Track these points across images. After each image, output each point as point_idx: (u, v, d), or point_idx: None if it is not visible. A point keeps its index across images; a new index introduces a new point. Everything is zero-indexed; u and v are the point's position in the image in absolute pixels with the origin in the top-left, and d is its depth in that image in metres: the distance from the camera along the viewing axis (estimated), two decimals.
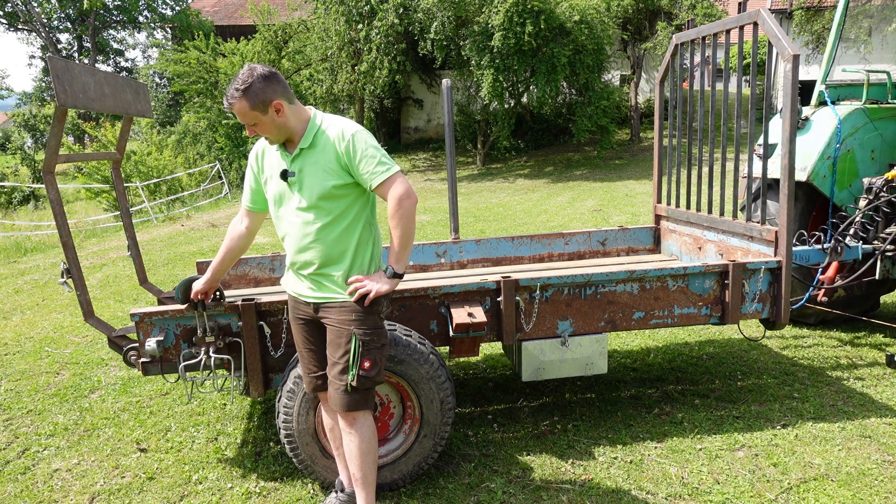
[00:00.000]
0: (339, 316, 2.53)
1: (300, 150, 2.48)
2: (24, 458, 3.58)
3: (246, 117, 2.39)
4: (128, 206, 4.04)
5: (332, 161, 2.45)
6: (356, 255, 2.55)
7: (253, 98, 2.35)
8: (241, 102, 2.35)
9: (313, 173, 2.46)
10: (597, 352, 3.36)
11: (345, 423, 2.59)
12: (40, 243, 12.17)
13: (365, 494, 2.64)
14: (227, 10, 31.06)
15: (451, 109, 4.18)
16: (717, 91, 9.02)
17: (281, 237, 2.62)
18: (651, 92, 22.76)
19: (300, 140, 2.48)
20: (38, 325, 6.16)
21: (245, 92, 2.34)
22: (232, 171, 20.36)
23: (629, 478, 3.11)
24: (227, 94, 2.39)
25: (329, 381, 2.59)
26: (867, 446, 3.32)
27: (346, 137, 2.44)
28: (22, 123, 34.49)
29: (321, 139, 2.48)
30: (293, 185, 2.50)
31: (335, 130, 2.47)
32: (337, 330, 2.54)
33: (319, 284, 2.56)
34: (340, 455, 2.82)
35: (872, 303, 5.10)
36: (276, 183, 2.55)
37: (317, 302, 2.58)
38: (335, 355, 2.55)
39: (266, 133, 2.45)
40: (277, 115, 2.40)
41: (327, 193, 2.45)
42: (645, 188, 13.82)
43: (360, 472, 2.61)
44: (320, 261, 2.52)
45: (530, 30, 14.78)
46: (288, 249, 2.61)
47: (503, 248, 4.61)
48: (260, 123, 2.41)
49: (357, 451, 2.59)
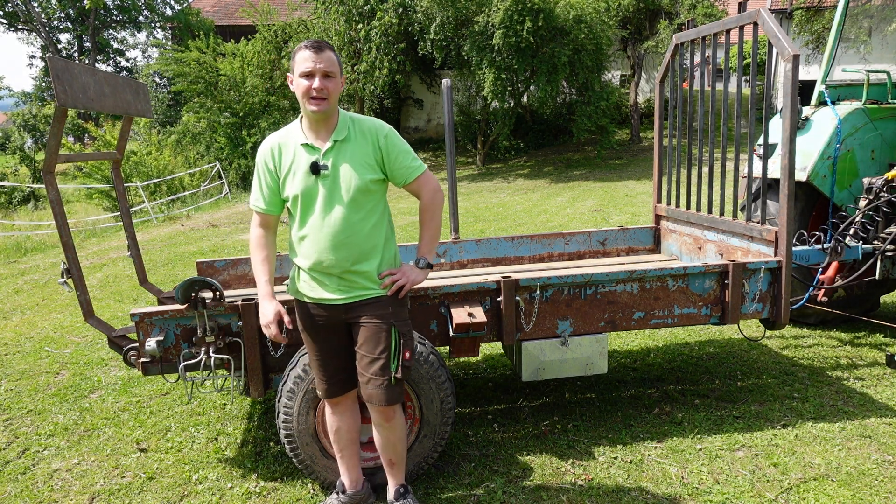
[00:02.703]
0: (376, 311, 2.52)
1: (334, 143, 2.45)
2: (24, 458, 3.58)
3: (332, 66, 2.38)
4: (128, 206, 4.04)
5: (369, 155, 2.46)
6: (385, 249, 2.55)
7: (337, 56, 2.42)
8: (331, 52, 2.39)
9: (349, 167, 2.44)
10: (597, 352, 3.36)
11: (382, 417, 2.62)
12: (40, 243, 12.17)
13: (401, 474, 2.79)
14: (227, 10, 31.07)
15: (450, 109, 4.18)
16: (717, 91, 9.03)
17: (298, 237, 2.51)
18: (651, 92, 22.76)
19: (333, 132, 2.46)
20: (38, 325, 6.16)
21: (333, 49, 2.40)
22: (231, 171, 20.35)
23: (629, 478, 3.11)
24: (314, 41, 2.38)
25: (367, 379, 2.56)
26: (867, 446, 3.32)
27: (384, 132, 2.50)
28: (22, 123, 34.49)
29: (356, 132, 2.48)
30: (325, 179, 2.44)
31: (370, 125, 2.51)
32: (375, 326, 2.52)
33: (351, 283, 2.51)
34: (344, 457, 2.79)
35: (872, 303, 5.10)
36: (303, 179, 2.45)
37: (349, 302, 2.52)
38: (374, 351, 2.52)
39: (330, 94, 2.39)
40: (341, 86, 2.45)
41: (364, 187, 2.45)
42: (645, 188, 13.82)
43: (397, 458, 2.74)
44: (354, 257, 2.47)
45: (529, 26, 14.78)
46: (309, 250, 2.49)
47: (503, 248, 4.61)
48: (334, 80, 2.41)
49: (396, 439, 2.69)
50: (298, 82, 2.40)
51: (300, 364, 2.88)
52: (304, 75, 2.37)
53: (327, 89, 2.38)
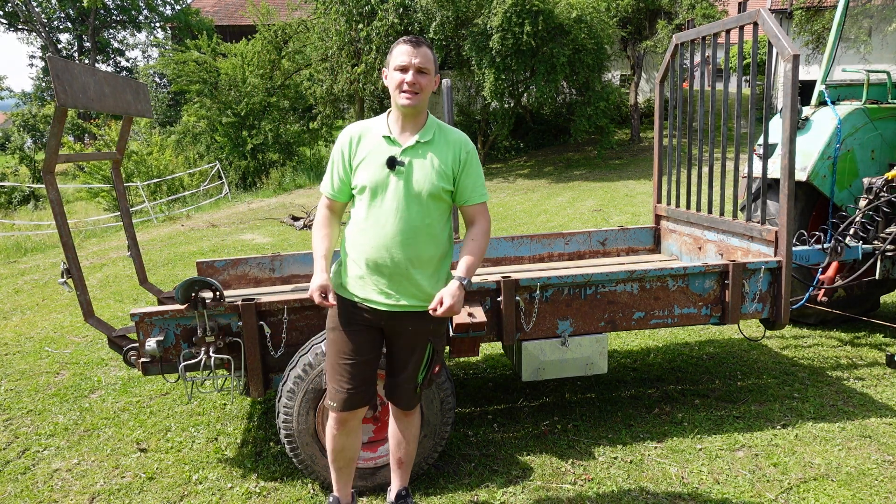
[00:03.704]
0: (417, 325, 2.51)
1: (417, 143, 2.44)
2: (24, 458, 3.58)
3: (427, 62, 2.38)
4: (128, 206, 4.04)
5: (448, 164, 2.45)
6: (441, 263, 2.52)
7: (434, 54, 2.43)
8: (428, 50, 2.40)
9: (426, 169, 2.42)
10: (597, 352, 3.36)
11: (405, 415, 2.71)
12: (40, 243, 12.16)
13: (407, 476, 2.85)
14: (227, 10, 31.08)
15: (451, 109, 4.18)
16: (717, 91, 9.03)
17: (358, 230, 2.46)
18: (651, 92, 22.76)
19: (419, 133, 2.45)
20: (38, 325, 6.16)
21: (430, 47, 2.41)
22: (231, 171, 20.36)
23: (629, 478, 3.11)
24: (413, 37, 2.41)
25: (394, 383, 2.62)
26: (867, 446, 3.32)
27: (468, 148, 2.50)
28: (22, 123, 34.49)
29: (441, 139, 2.48)
30: (399, 175, 2.41)
31: (457, 135, 2.51)
32: (413, 338, 2.54)
33: (401, 289, 2.45)
34: (342, 475, 2.74)
35: (872, 303, 5.10)
36: (376, 170, 2.42)
37: (393, 311, 2.47)
38: (407, 360, 2.56)
39: (423, 90, 2.39)
40: (434, 84, 2.45)
41: (436, 193, 2.43)
42: (645, 188, 13.82)
43: (408, 457, 2.80)
44: (411, 261, 2.43)
45: (529, 29, 14.78)
46: (367, 244, 2.44)
47: (503, 248, 4.61)
48: (428, 77, 2.40)
49: (411, 437, 2.76)
50: (393, 75, 2.40)
51: (300, 364, 2.88)
52: (400, 69, 2.38)
53: (420, 84, 2.37)
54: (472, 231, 2.53)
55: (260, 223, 12.48)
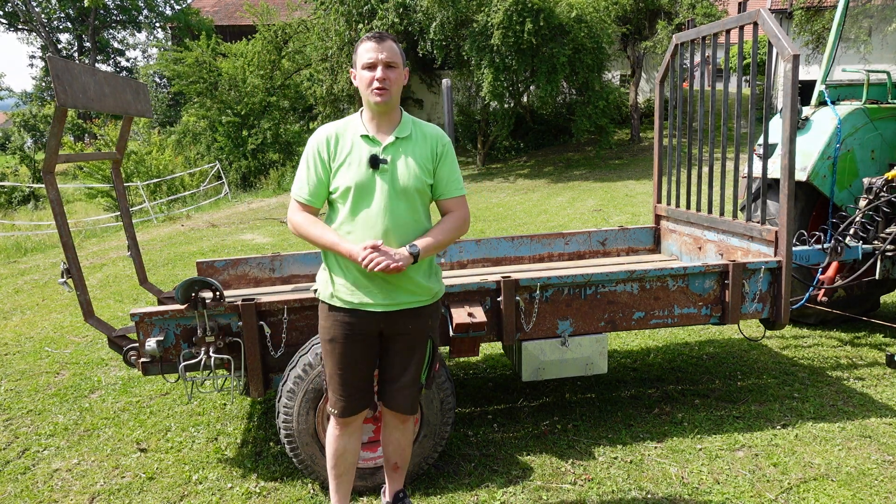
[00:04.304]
0: (416, 322, 2.49)
1: (396, 139, 2.42)
2: (24, 458, 3.59)
3: (394, 56, 2.36)
4: (128, 206, 4.04)
5: (427, 158, 2.44)
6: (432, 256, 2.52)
7: (399, 47, 2.41)
8: (393, 43, 2.38)
9: (408, 165, 2.41)
10: (597, 352, 3.36)
11: (400, 420, 2.67)
12: (40, 243, 12.17)
13: (402, 479, 2.83)
14: (227, 10, 31.07)
15: (451, 109, 4.18)
16: (717, 91, 9.03)
17: (344, 233, 2.39)
18: (651, 92, 22.76)
19: (396, 129, 2.43)
20: (38, 325, 6.16)
21: (395, 40, 2.39)
22: (232, 171, 20.36)
23: (629, 478, 3.11)
24: (376, 32, 2.38)
25: (397, 387, 2.56)
26: (867, 446, 3.32)
27: (444, 141, 2.50)
28: (22, 123, 34.49)
29: (418, 133, 2.47)
30: (383, 174, 2.38)
31: (433, 130, 2.51)
32: (414, 337, 2.51)
33: (398, 287, 2.41)
34: (342, 483, 2.69)
35: (872, 303, 5.10)
36: (358, 171, 2.37)
37: (390, 310, 2.43)
38: (409, 361, 2.53)
39: (392, 85, 2.36)
40: (403, 78, 2.42)
41: (421, 188, 2.42)
42: (645, 188, 13.82)
43: (403, 462, 2.78)
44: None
45: (529, 28, 14.78)
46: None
47: (503, 248, 4.61)
48: (397, 71, 2.38)
49: (406, 443, 2.74)
50: (361, 74, 2.37)
51: (300, 364, 2.88)
52: (367, 66, 2.35)
53: (389, 79, 2.35)
54: (444, 217, 2.50)
55: (260, 223, 12.48)
